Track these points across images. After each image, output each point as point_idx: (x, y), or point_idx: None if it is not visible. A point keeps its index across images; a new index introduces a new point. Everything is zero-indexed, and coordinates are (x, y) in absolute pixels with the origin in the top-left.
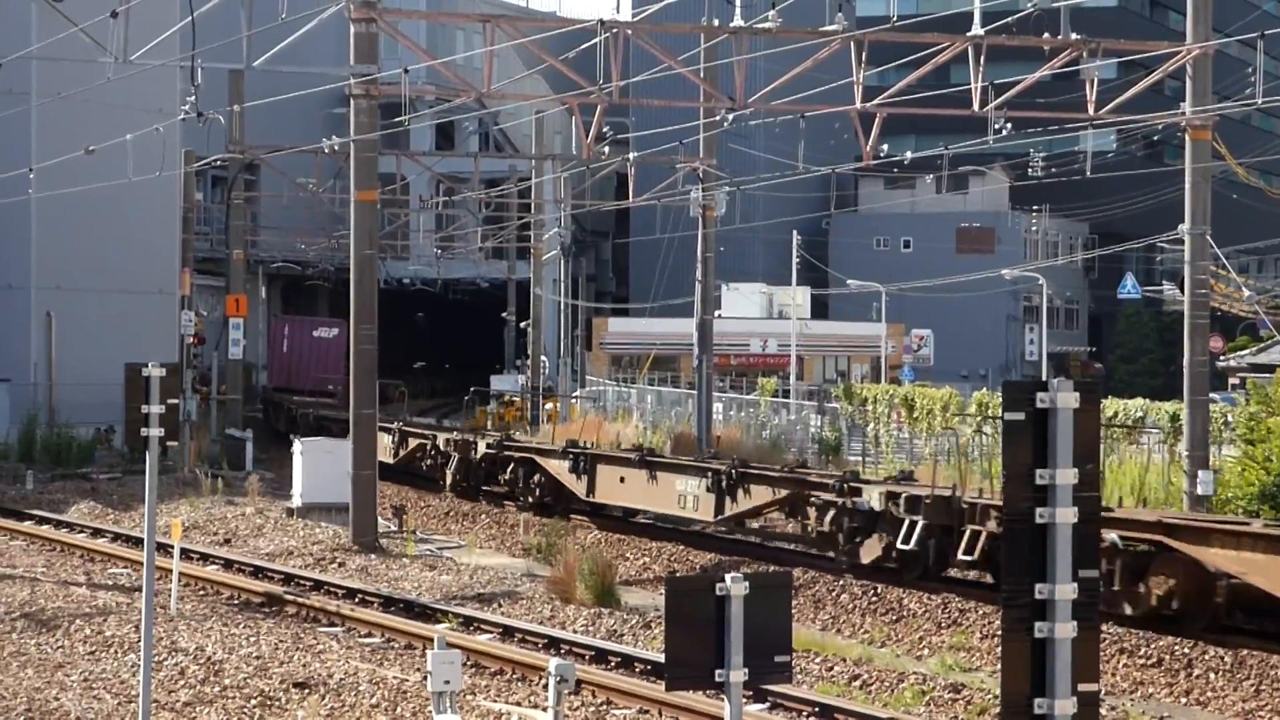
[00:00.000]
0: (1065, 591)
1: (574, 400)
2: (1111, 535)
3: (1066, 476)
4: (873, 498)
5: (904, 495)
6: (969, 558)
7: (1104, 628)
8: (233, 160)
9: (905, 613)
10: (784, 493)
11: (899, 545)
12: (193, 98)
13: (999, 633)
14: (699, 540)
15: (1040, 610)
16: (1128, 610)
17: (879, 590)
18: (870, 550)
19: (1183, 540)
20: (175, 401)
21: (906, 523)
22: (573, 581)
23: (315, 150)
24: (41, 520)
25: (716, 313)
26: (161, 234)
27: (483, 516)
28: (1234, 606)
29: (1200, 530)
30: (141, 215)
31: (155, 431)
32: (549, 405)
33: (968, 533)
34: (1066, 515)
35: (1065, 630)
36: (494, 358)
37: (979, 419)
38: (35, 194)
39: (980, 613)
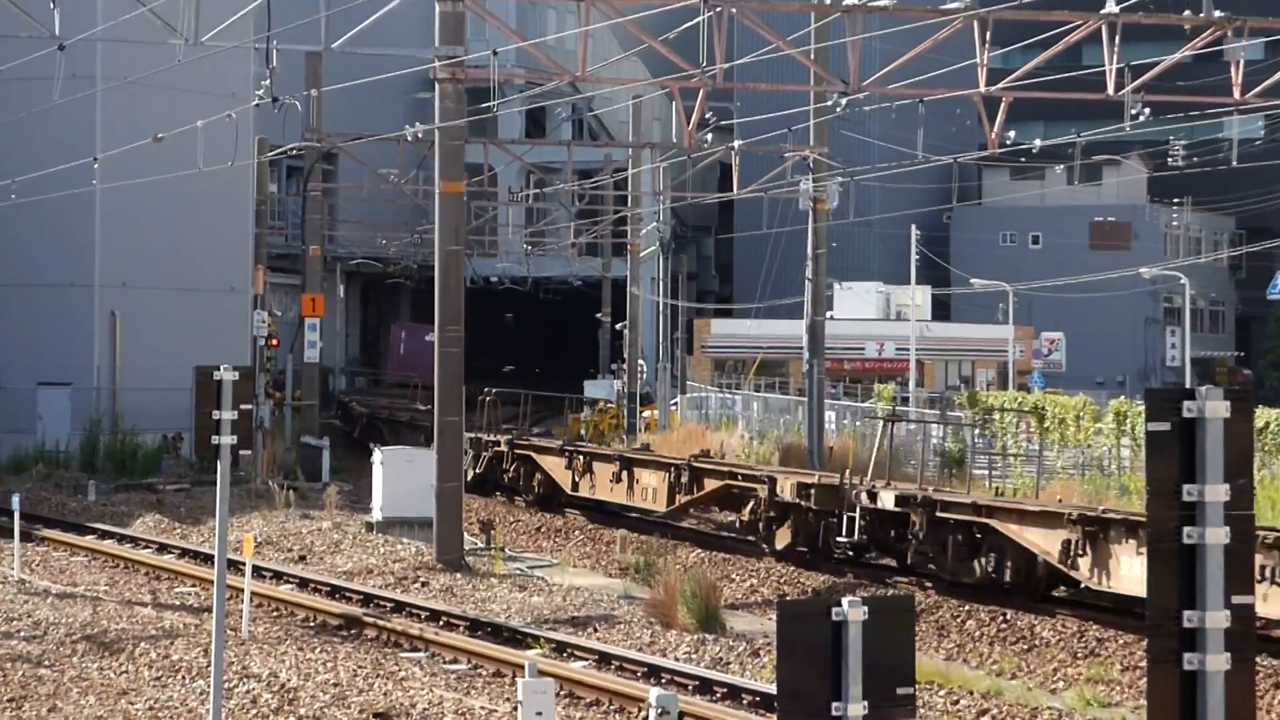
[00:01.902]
0: (1217, 619)
1: (673, 407)
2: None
3: (1217, 493)
4: (785, 489)
5: (810, 486)
6: (847, 539)
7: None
8: (309, 149)
9: (1038, 641)
10: (716, 485)
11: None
12: (267, 82)
13: (1142, 664)
14: (712, 541)
15: (1189, 640)
16: (965, 580)
17: (1008, 616)
18: (781, 537)
19: (999, 520)
20: (248, 407)
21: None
22: (674, 604)
23: (397, 138)
24: (104, 534)
25: (828, 314)
26: (233, 228)
27: (576, 532)
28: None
29: (1012, 511)
30: (212, 208)
31: (227, 439)
32: (647, 413)
33: (844, 518)
34: (1217, 535)
35: (1217, 662)
36: (588, 362)
37: (1117, 429)
38: (99, 185)
39: (1121, 642)
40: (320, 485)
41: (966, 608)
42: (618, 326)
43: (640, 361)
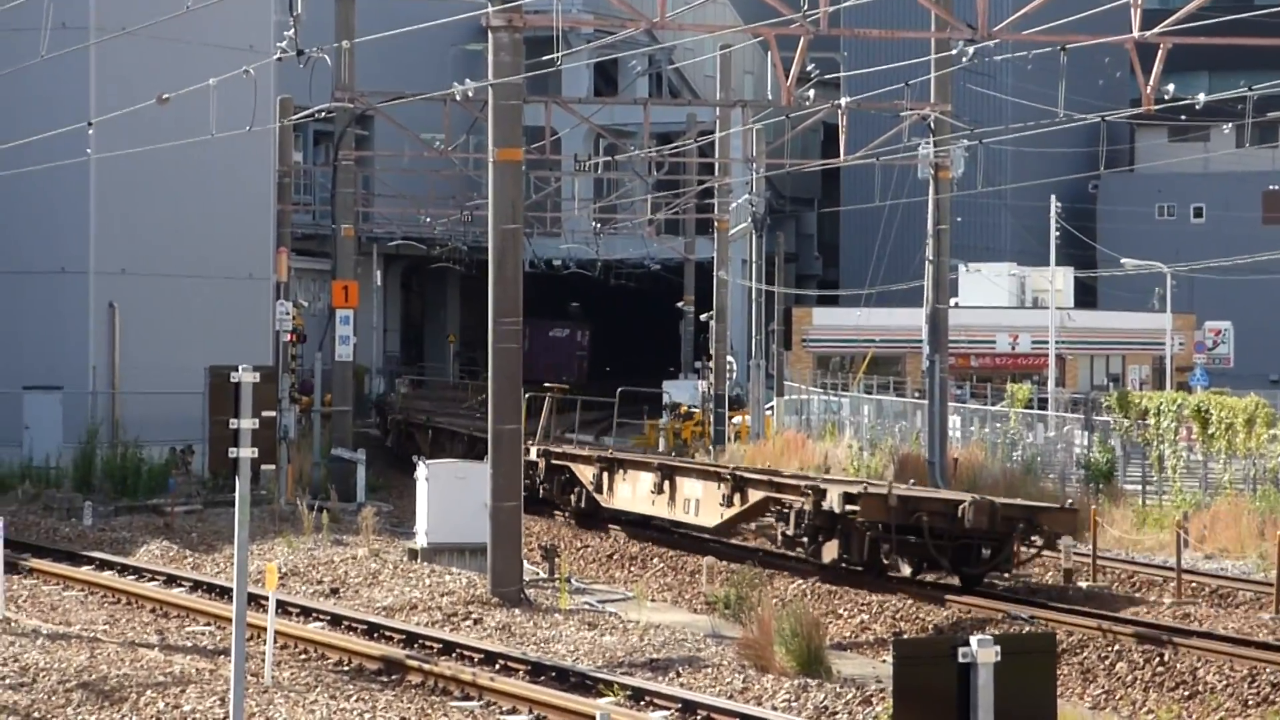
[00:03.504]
0: None
1: (769, 412)
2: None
3: None
4: (833, 499)
5: (859, 495)
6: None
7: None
8: (341, 111)
9: (1200, 686)
10: (760, 496)
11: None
12: (291, 32)
13: None
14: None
15: None
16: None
17: (1165, 658)
18: (829, 551)
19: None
20: (271, 414)
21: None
22: (770, 644)
23: (444, 98)
24: (103, 565)
25: (953, 301)
26: (252, 204)
27: (655, 561)
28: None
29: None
30: (227, 181)
31: (246, 452)
32: (737, 418)
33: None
34: None
35: None
36: (667, 358)
37: None
38: (95, 154)
39: None
40: (355, 506)
41: (1116, 647)
42: (702, 317)
43: (729, 358)
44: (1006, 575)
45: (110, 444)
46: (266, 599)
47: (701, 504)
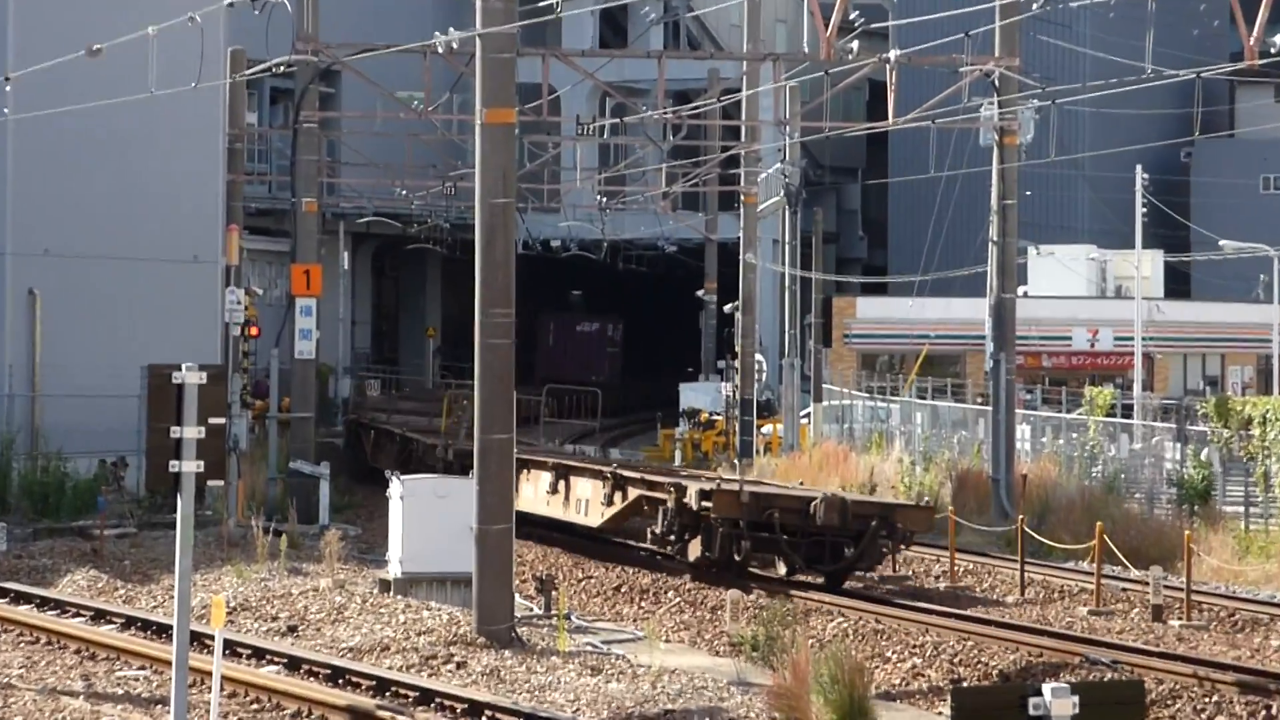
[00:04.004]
0: None
1: (804, 420)
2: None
3: None
4: (691, 496)
5: (713, 491)
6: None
7: None
8: (302, 65)
9: None
10: (636, 494)
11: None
12: None
13: None
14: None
15: None
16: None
17: (1272, 711)
18: (694, 549)
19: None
20: (219, 422)
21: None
22: (805, 693)
23: (424, 50)
24: (19, 597)
25: (1021, 290)
26: (198, 174)
27: (670, 594)
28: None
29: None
30: (168, 148)
31: (190, 465)
32: (766, 428)
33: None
34: None
35: None
36: (685, 356)
37: None
38: (13, 115)
39: None
40: (317, 529)
41: (1215, 698)
42: (726, 308)
43: (758, 357)
44: (872, 574)
45: (29, 456)
46: (212, 638)
47: (589, 504)
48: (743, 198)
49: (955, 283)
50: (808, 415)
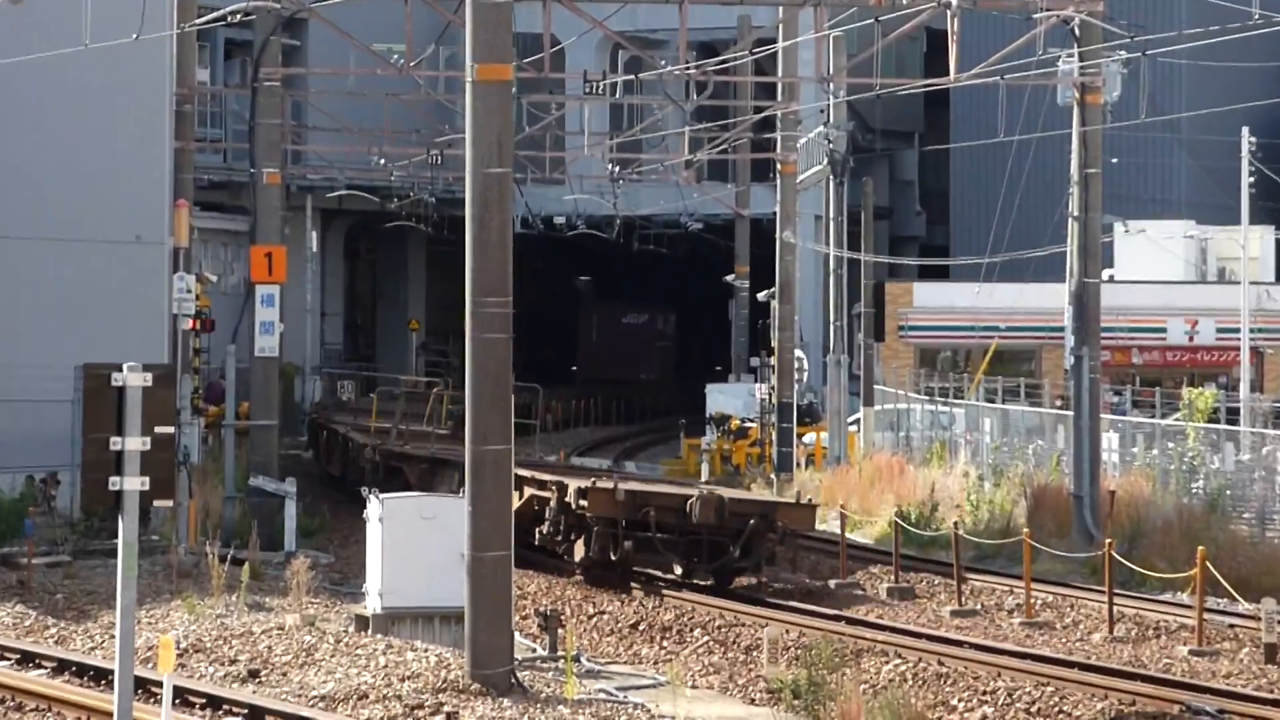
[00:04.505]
0: None
1: (853, 427)
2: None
3: None
4: (571, 495)
5: (588, 490)
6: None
7: None
8: (262, 13)
9: None
10: (529, 494)
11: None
12: None
13: None
14: None
15: None
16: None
17: None
18: (579, 549)
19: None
20: (168, 431)
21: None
22: None
23: None
24: None
25: (1107, 273)
26: (141, 141)
27: (696, 632)
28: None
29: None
30: (105, 110)
31: (133, 483)
32: (809, 436)
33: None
34: None
35: None
36: (712, 353)
37: None
38: None
39: None
40: (282, 556)
41: None
42: (760, 296)
43: (798, 353)
44: (762, 577)
45: None
46: (160, 685)
47: None
48: (779, 167)
49: (1029, 265)
50: (856, 421)
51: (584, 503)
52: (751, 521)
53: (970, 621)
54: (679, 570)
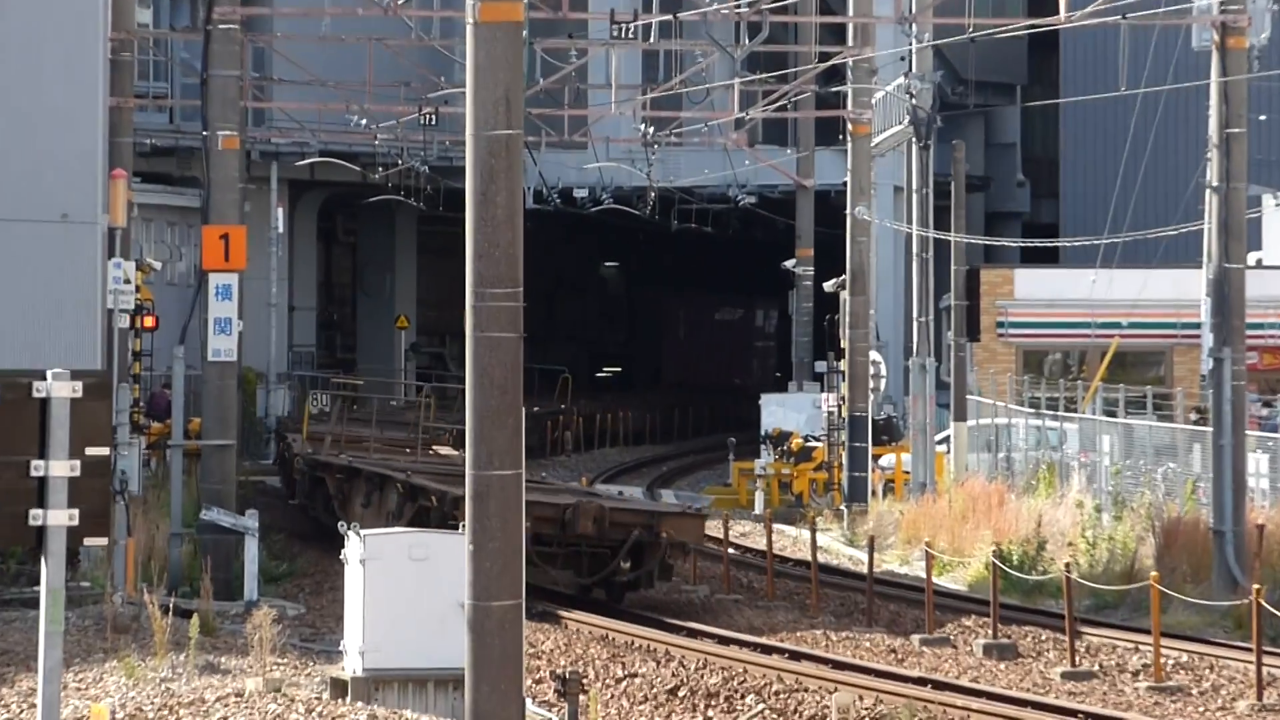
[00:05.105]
0: None
1: (941, 447)
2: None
3: None
4: (447, 504)
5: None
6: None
7: None
8: None
9: None
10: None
11: None
12: None
13: None
14: None
15: None
16: None
17: None
18: None
19: None
20: (101, 453)
21: None
22: None
23: None
24: None
25: (1253, 257)
26: (68, 99)
27: (749, 699)
28: None
29: None
30: (24, 60)
31: (58, 517)
32: (887, 459)
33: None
34: None
35: None
36: (766, 356)
37: None
38: None
39: None
40: (242, 606)
41: None
42: (827, 286)
43: (874, 356)
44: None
45: None
46: None
47: (392, 516)
48: (850, 127)
49: (1157, 247)
50: (945, 440)
51: (457, 513)
52: (635, 532)
53: (1086, 686)
54: (579, 584)
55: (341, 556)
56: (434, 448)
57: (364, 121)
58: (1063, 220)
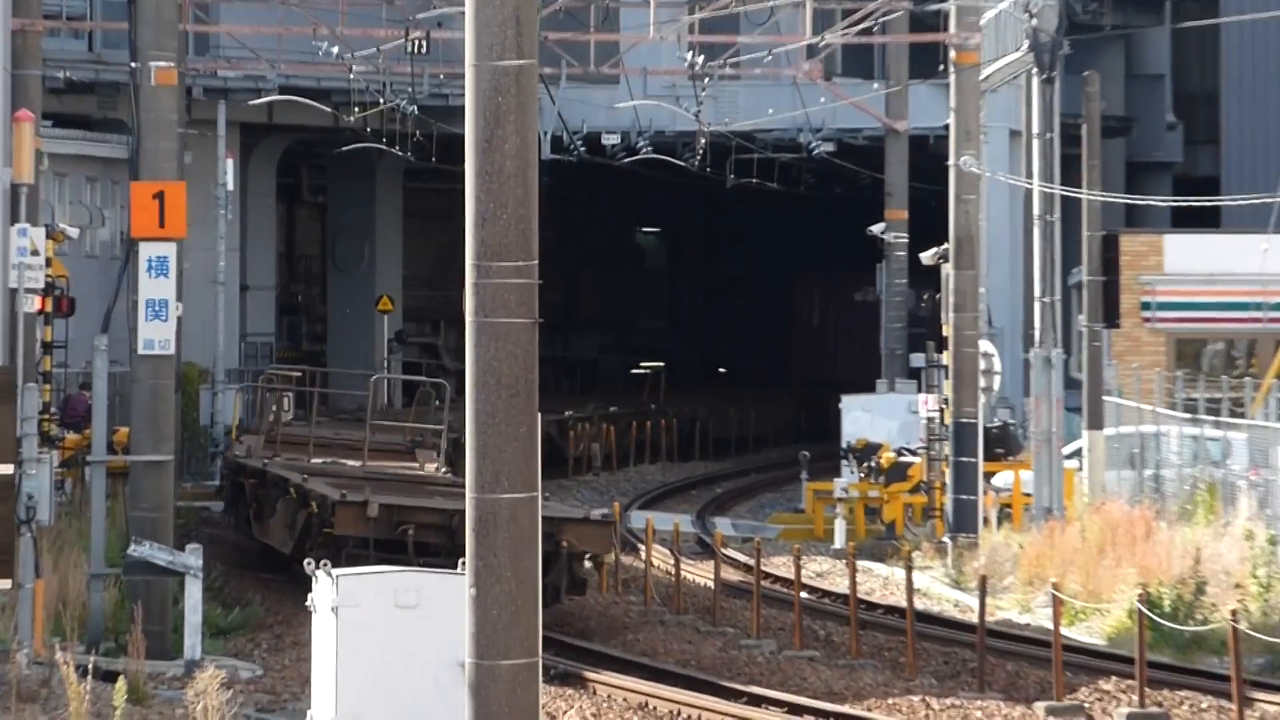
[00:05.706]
0: None
1: (1071, 462)
2: None
3: None
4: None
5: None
6: None
7: None
8: None
9: None
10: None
11: None
12: None
13: None
14: None
15: None
16: None
17: None
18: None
19: None
20: (4, 471)
21: None
22: None
23: None
24: None
25: None
26: None
27: None
28: None
29: None
30: None
31: None
32: (1002, 477)
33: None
34: None
35: None
36: (851, 347)
37: None
38: None
39: None
40: (181, 667)
41: None
42: (926, 257)
43: (985, 346)
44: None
45: None
46: None
47: (291, 526)
48: (953, 55)
49: None
50: (1077, 453)
51: (333, 519)
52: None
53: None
54: None
55: (308, 602)
56: (417, 457)
57: (335, 49)
58: (1225, 172)
